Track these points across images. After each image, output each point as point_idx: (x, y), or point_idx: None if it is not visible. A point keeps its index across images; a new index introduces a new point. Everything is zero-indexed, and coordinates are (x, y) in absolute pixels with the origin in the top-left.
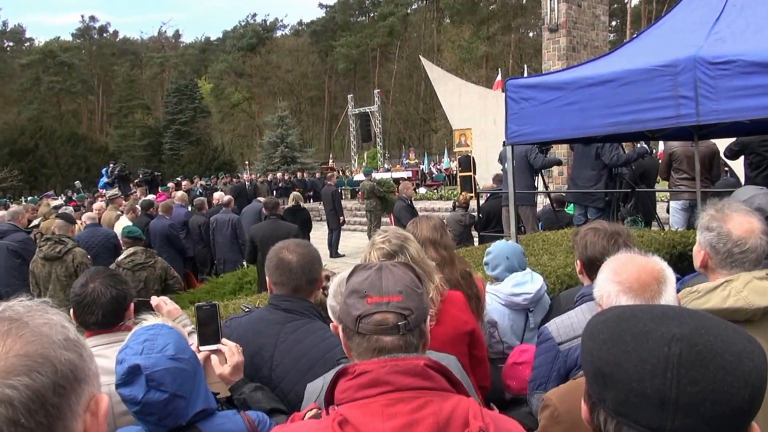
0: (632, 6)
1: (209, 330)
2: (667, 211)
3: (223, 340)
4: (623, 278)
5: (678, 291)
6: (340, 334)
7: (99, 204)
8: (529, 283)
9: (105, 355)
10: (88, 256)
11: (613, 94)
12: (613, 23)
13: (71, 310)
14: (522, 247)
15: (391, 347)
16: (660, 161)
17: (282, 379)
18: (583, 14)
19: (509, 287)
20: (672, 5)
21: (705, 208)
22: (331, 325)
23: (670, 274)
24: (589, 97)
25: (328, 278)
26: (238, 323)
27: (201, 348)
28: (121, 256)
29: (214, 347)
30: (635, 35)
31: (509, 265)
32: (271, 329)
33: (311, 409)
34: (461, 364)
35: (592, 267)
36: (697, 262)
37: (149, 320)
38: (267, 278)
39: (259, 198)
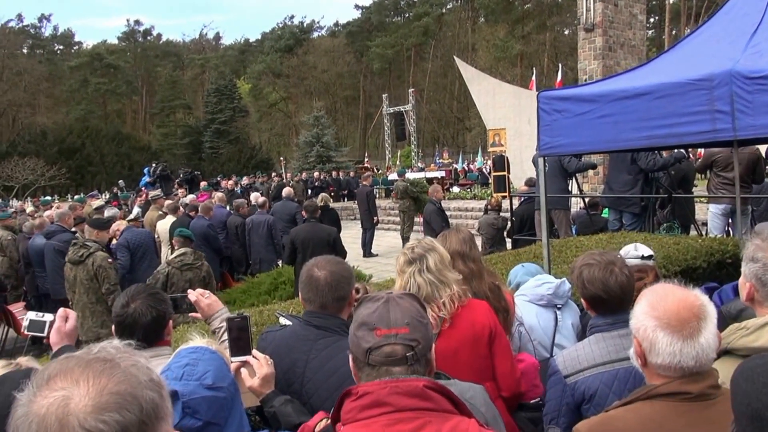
0: (671, 2)
1: (241, 341)
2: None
3: (254, 351)
4: (661, 313)
5: (714, 305)
6: (350, 364)
7: (136, 210)
8: (551, 278)
9: None
10: (109, 260)
11: (647, 108)
12: (651, 20)
13: (113, 327)
14: (548, 263)
15: (399, 374)
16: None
17: (312, 395)
18: (620, 13)
19: (532, 282)
20: (710, 3)
21: (751, 237)
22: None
23: (711, 310)
24: (623, 109)
25: (358, 291)
26: (273, 337)
27: (232, 359)
28: (172, 255)
29: (244, 358)
30: (671, 45)
31: (526, 271)
32: (303, 345)
33: (321, 419)
34: (488, 395)
35: (595, 302)
36: (743, 295)
37: (195, 340)
38: (299, 293)
39: (287, 196)
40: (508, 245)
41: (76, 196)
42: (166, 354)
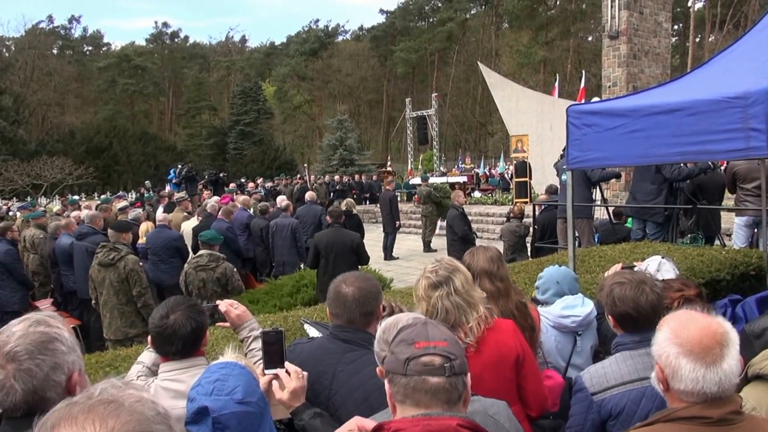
0: (695, 10)
1: (274, 354)
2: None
3: (287, 364)
4: (683, 340)
5: (737, 318)
6: (386, 384)
7: (161, 214)
8: (579, 306)
9: (181, 379)
10: (140, 263)
11: (679, 124)
12: (675, 27)
13: (149, 338)
14: (574, 273)
15: (437, 388)
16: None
17: (338, 408)
18: (645, 21)
19: (558, 309)
20: (736, 11)
21: None
22: (377, 369)
23: (733, 337)
24: (654, 125)
25: (384, 309)
26: (301, 349)
27: (266, 371)
28: (192, 257)
29: (277, 371)
30: (704, 62)
31: (558, 290)
32: (330, 358)
33: None
34: (511, 410)
35: (624, 320)
36: None
37: (226, 356)
38: (327, 307)
39: (311, 199)
40: (528, 250)
41: (102, 197)
42: (202, 365)
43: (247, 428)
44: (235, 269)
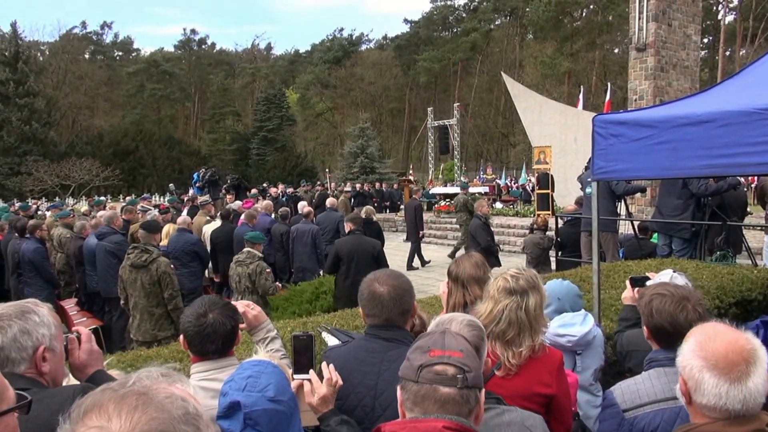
0: (726, 23)
1: (304, 359)
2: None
3: (327, 367)
4: (709, 353)
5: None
6: (398, 391)
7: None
8: (578, 325)
9: (219, 378)
10: (172, 266)
11: (709, 136)
12: (705, 40)
13: (182, 338)
14: (578, 288)
15: (446, 399)
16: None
17: (386, 407)
18: (674, 33)
19: (555, 326)
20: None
21: None
22: None
23: (762, 354)
24: (683, 137)
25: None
26: (338, 353)
27: (295, 376)
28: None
29: (306, 377)
30: (735, 73)
31: (559, 306)
32: (373, 357)
33: None
34: (546, 425)
35: (659, 334)
36: None
37: (259, 354)
38: (360, 308)
39: (331, 206)
40: (553, 264)
41: (128, 198)
42: (236, 364)
43: (276, 427)
44: (268, 269)
